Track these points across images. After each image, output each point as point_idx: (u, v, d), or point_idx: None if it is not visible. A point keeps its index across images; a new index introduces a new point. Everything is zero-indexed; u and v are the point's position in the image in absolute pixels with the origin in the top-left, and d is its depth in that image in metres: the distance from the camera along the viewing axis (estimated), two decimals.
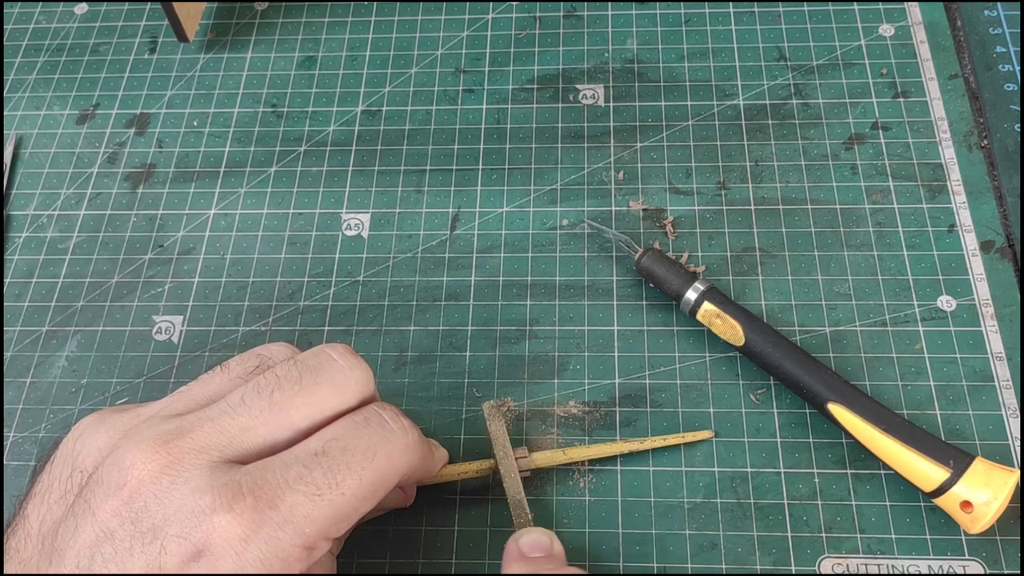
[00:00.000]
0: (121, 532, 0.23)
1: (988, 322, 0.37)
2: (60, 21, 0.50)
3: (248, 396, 0.26)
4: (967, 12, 0.45)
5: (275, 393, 0.26)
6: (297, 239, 0.41)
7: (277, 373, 0.27)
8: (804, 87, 0.44)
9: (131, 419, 0.27)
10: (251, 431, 0.25)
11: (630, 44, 0.46)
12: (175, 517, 0.23)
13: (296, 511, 0.24)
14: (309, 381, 0.26)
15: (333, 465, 0.25)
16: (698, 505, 0.34)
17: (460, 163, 0.43)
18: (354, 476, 0.25)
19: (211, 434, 0.25)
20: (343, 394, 0.27)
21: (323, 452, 0.25)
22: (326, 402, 0.27)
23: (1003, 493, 0.31)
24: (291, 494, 0.24)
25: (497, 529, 0.34)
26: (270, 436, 0.26)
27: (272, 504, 0.24)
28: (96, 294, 0.41)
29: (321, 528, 0.24)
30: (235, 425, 0.25)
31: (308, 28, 0.48)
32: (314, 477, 0.25)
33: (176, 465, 0.24)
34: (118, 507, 0.24)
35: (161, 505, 0.24)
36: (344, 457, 0.25)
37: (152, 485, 0.24)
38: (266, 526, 0.24)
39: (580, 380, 0.37)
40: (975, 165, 0.41)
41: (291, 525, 0.24)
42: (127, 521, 0.24)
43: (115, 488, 0.24)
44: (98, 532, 0.24)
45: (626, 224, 0.41)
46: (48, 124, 0.46)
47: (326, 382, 0.27)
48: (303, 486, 0.24)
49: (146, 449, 0.24)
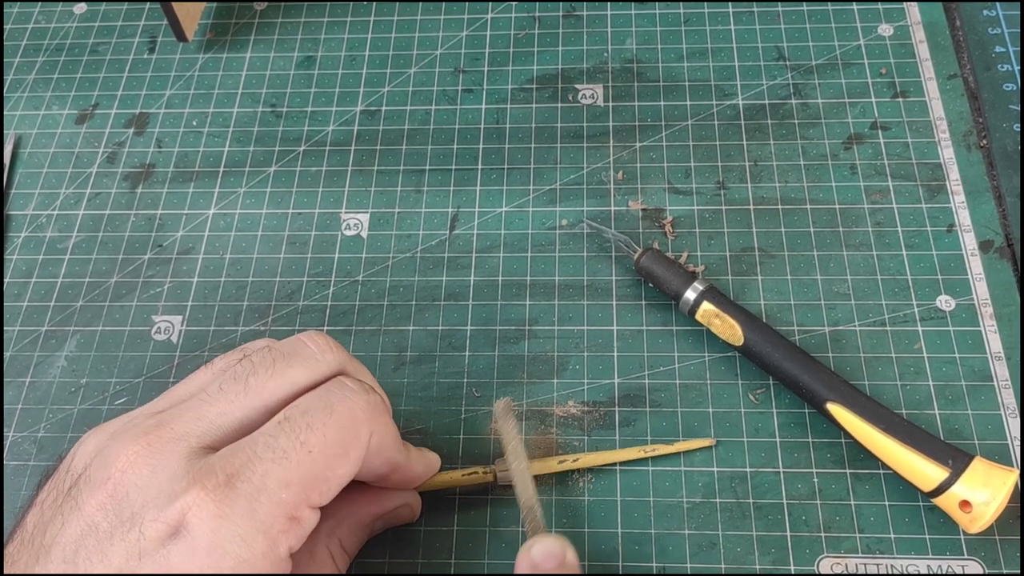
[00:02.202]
0: (104, 524, 0.24)
1: (987, 322, 0.37)
2: (59, 21, 0.50)
3: (225, 383, 0.27)
4: (966, 12, 0.45)
5: (250, 378, 0.27)
6: (296, 239, 0.41)
7: (252, 360, 0.28)
8: (803, 87, 0.44)
9: (120, 423, 0.27)
10: (227, 415, 0.26)
11: (629, 44, 0.46)
12: (153, 503, 0.24)
13: (268, 479, 0.25)
14: (282, 365, 0.27)
15: (294, 427, 0.26)
16: (697, 505, 0.34)
17: (459, 163, 0.43)
18: (316, 433, 0.26)
19: (189, 422, 0.26)
20: (315, 374, 0.28)
21: (284, 419, 0.26)
22: (298, 382, 0.27)
23: (1002, 493, 0.31)
24: (260, 464, 0.25)
25: (497, 529, 0.34)
26: (246, 418, 0.27)
27: (243, 477, 0.24)
28: (95, 294, 0.41)
29: (298, 492, 0.25)
30: (212, 411, 0.26)
31: (307, 28, 0.48)
32: (279, 443, 0.25)
33: (156, 455, 0.25)
34: (103, 500, 0.24)
35: (141, 493, 0.24)
36: (304, 418, 0.26)
37: (133, 475, 0.25)
38: (240, 499, 0.24)
39: (579, 380, 0.37)
40: (974, 165, 0.41)
41: (265, 493, 0.24)
42: (111, 513, 0.24)
43: (100, 483, 0.25)
44: (83, 526, 0.24)
45: (625, 224, 0.41)
46: (47, 124, 0.46)
47: (299, 364, 0.28)
48: (270, 453, 0.25)
49: (128, 443, 0.25)
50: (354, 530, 0.31)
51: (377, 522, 0.32)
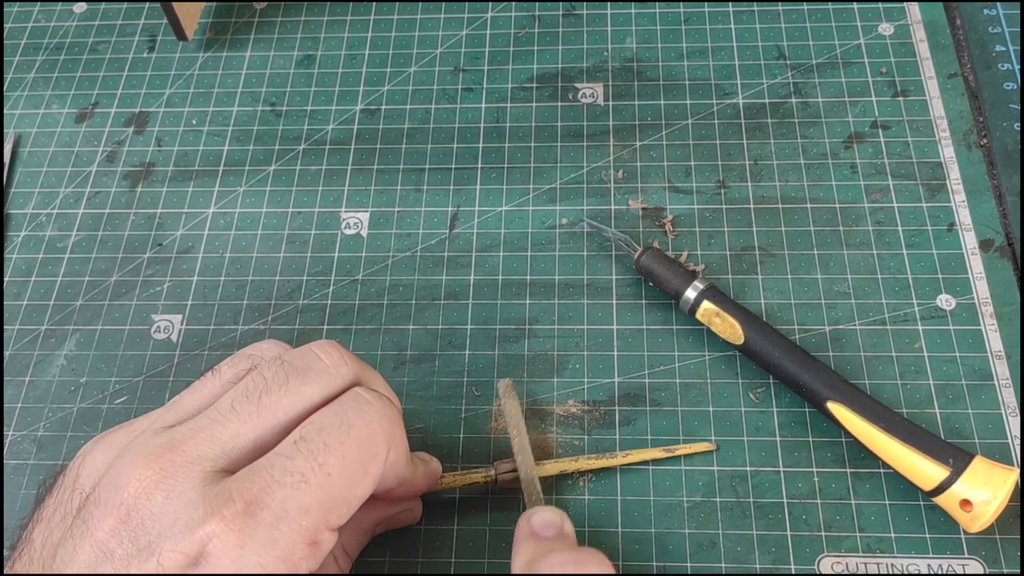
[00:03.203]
0: (120, 552, 0.23)
1: (987, 321, 0.37)
2: (59, 20, 0.49)
3: (237, 402, 0.26)
4: (966, 11, 0.45)
5: (263, 397, 0.26)
6: (296, 238, 0.41)
7: (264, 375, 0.27)
8: (803, 86, 0.44)
9: (126, 436, 0.27)
10: (241, 436, 0.25)
11: (629, 43, 0.46)
12: (170, 532, 0.23)
13: (288, 505, 0.24)
14: (296, 382, 0.27)
15: (311, 448, 0.25)
16: (697, 504, 0.34)
17: (459, 162, 0.43)
18: (334, 453, 0.25)
19: (203, 444, 0.25)
20: (329, 388, 0.27)
21: (300, 439, 0.25)
22: (313, 398, 0.27)
23: (1002, 492, 0.31)
24: (279, 489, 0.24)
25: (497, 529, 0.34)
26: (260, 439, 0.26)
27: (262, 504, 0.24)
28: (95, 293, 0.41)
29: (318, 517, 0.24)
30: (226, 432, 0.25)
31: (307, 27, 0.48)
32: (296, 466, 0.24)
33: (170, 480, 0.24)
34: (115, 526, 0.24)
35: (156, 522, 0.24)
36: (321, 437, 0.25)
37: (147, 502, 0.24)
38: (261, 528, 0.23)
39: (579, 379, 0.37)
40: (974, 164, 0.41)
41: (286, 521, 0.24)
42: (125, 540, 0.23)
43: (112, 507, 0.24)
44: (97, 552, 0.24)
45: (625, 223, 0.41)
46: (47, 123, 0.46)
47: (313, 380, 0.27)
48: (288, 477, 0.24)
49: (139, 465, 0.24)
50: (356, 533, 0.31)
51: (379, 525, 0.32)
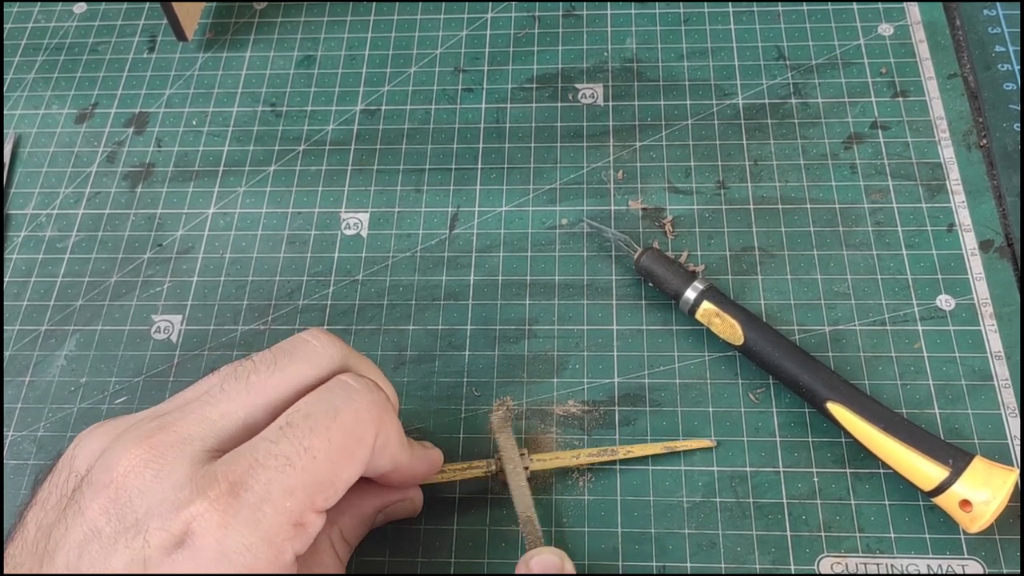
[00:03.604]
0: (108, 529, 0.24)
1: (987, 321, 0.37)
2: (59, 20, 0.49)
3: (227, 382, 0.27)
4: (966, 11, 0.45)
5: (251, 376, 0.27)
6: (296, 238, 0.41)
7: (253, 359, 0.27)
8: (803, 86, 0.44)
9: (123, 423, 0.27)
10: (230, 415, 0.26)
11: (629, 43, 0.46)
12: (157, 510, 0.24)
13: (272, 487, 0.24)
14: (284, 362, 0.27)
15: (297, 432, 0.25)
16: (697, 504, 0.34)
17: (459, 162, 0.43)
18: (320, 437, 0.25)
19: (192, 424, 0.26)
20: (316, 369, 0.27)
21: (287, 424, 0.26)
22: (301, 377, 0.27)
23: (1002, 492, 0.31)
24: (263, 471, 0.24)
25: (496, 529, 0.34)
26: (250, 417, 0.26)
27: (246, 485, 0.24)
28: (95, 293, 0.41)
29: (303, 499, 0.25)
30: (215, 412, 0.26)
31: (307, 27, 0.48)
32: (281, 449, 0.25)
33: (159, 459, 0.25)
34: (105, 504, 0.24)
35: (144, 499, 0.24)
36: (307, 422, 0.26)
37: (136, 480, 0.24)
38: (244, 509, 0.24)
39: (579, 379, 0.37)
40: (974, 164, 0.41)
41: (269, 503, 0.24)
42: (114, 518, 0.24)
43: (102, 486, 0.24)
44: (87, 531, 0.24)
45: (625, 223, 0.41)
46: (47, 123, 0.46)
47: (301, 359, 0.27)
48: (273, 460, 0.25)
49: (130, 446, 0.25)
50: (355, 521, 0.31)
51: (379, 514, 0.32)
